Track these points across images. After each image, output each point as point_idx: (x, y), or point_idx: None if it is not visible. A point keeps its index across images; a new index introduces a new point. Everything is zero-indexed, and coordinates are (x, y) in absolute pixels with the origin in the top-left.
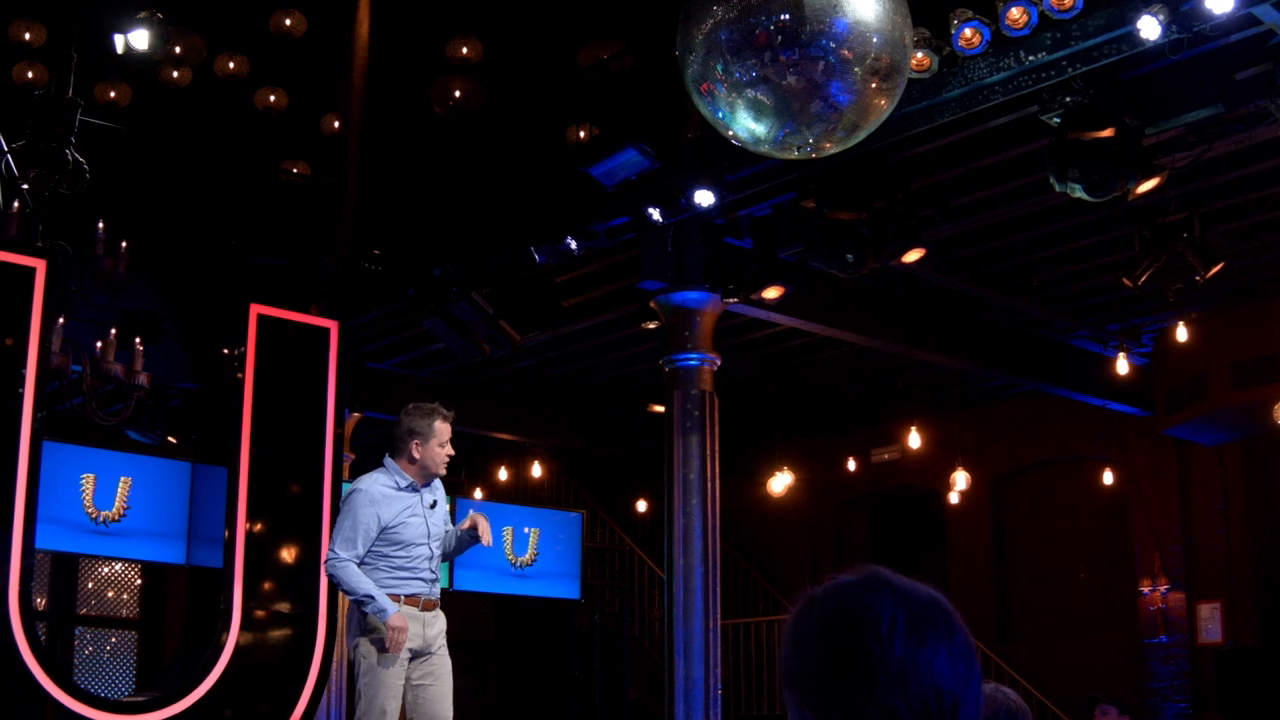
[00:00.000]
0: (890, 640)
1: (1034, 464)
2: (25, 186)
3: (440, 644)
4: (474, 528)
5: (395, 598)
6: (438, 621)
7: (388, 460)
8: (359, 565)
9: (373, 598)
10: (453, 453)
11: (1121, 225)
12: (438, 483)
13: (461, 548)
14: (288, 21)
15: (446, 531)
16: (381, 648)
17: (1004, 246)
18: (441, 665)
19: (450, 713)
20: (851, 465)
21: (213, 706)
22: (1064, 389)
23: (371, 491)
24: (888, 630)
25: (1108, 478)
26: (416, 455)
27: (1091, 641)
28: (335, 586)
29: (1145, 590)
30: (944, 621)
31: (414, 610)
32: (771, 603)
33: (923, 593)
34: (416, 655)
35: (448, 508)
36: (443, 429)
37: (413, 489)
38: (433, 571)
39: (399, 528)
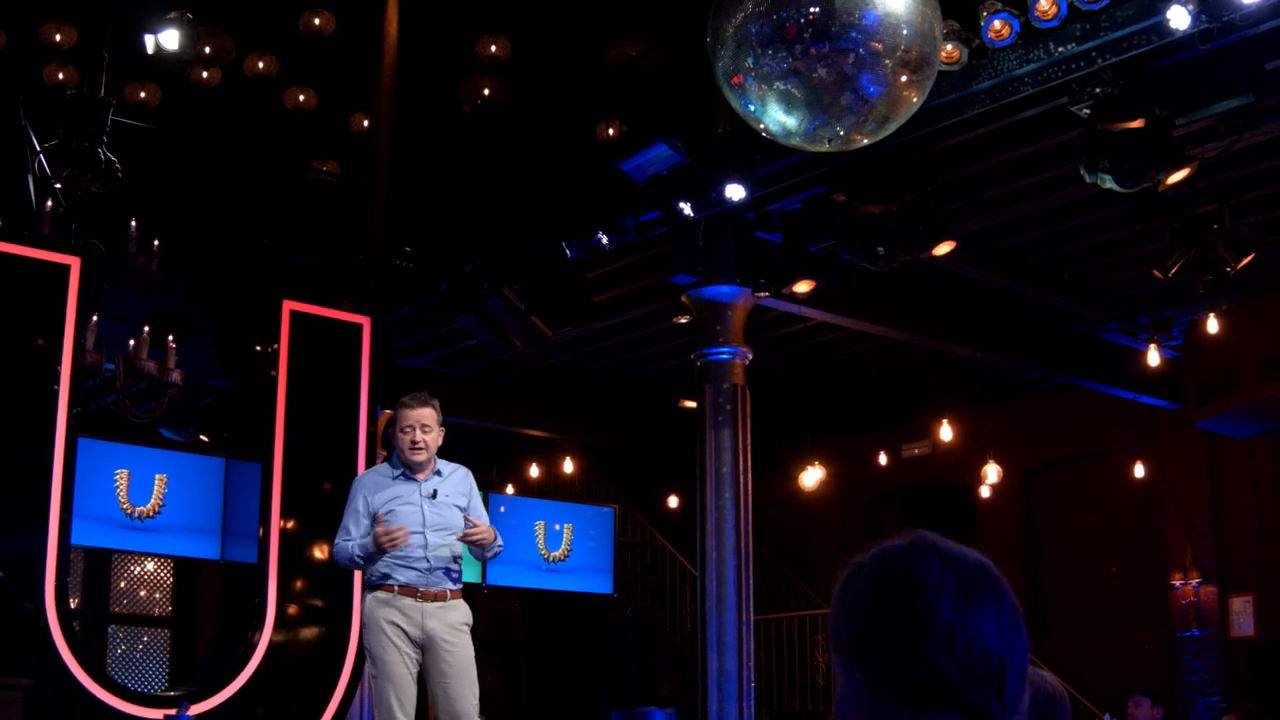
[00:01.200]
0: (939, 603)
1: (1065, 458)
2: (58, 186)
3: (453, 637)
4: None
5: (389, 587)
6: (445, 613)
7: (394, 451)
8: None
9: (357, 550)
10: (417, 439)
11: (1152, 217)
12: (460, 474)
13: (482, 552)
14: (317, 21)
15: (469, 528)
16: (379, 641)
17: (1034, 239)
18: (456, 660)
19: (471, 707)
20: (883, 460)
21: (246, 702)
22: (1094, 382)
23: (364, 479)
24: (936, 593)
25: (1139, 471)
26: (395, 444)
27: (1123, 635)
28: (348, 570)
29: (1177, 584)
30: (991, 585)
31: (409, 600)
32: (803, 598)
33: (970, 557)
34: (421, 646)
35: (476, 499)
36: (401, 414)
37: (407, 478)
38: (429, 562)
39: (388, 515)
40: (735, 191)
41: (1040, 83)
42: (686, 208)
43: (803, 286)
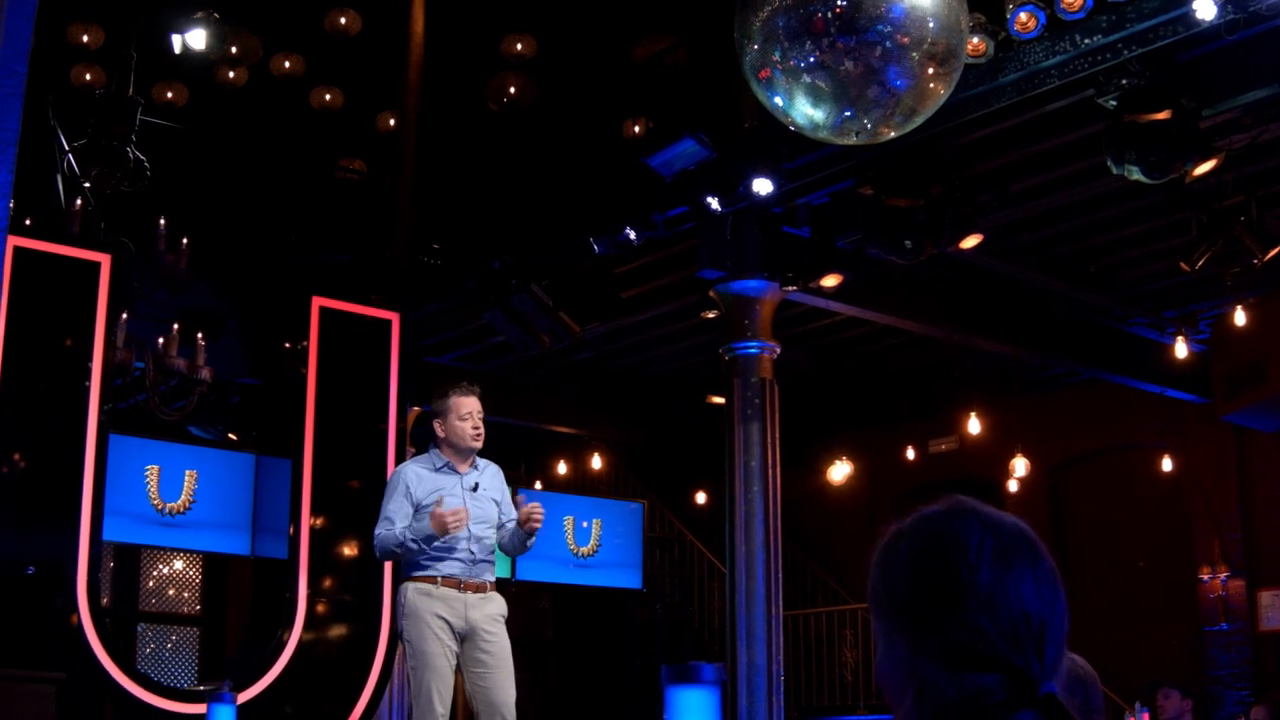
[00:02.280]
0: (978, 565)
1: (1092, 452)
2: (87, 185)
3: (492, 628)
4: (529, 519)
5: (431, 579)
6: (485, 605)
7: (431, 446)
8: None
9: (406, 534)
10: (478, 425)
11: (1178, 210)
12: (492, 470)
13: (523, 544)
14: (343, 20)
15: (504, 524)
16: (422, 632)
17: (1061, 232)
18: (496, 651)
19: (509, 698)
20: (910, 455)
21: (275, 699)
22: (1122, 376)
23: (404, 472)
24: (976, 556)
25: (1166, 465)
26: (441, 434)
27: (1151, 630)
28: (385, 561)
29: (1205, 578)
30: (1029, 547)
31: (453, 591)
32: (830, 594)
33: (1008, 521)
34: (462, 637)
35: (507, 495)
36: (459, 403)
37: (449, 470)
38: (473, 553)
39: (430, 507)
40: (762, 186)
41: (1066, 75)
42: (714, 202)
43: (830, 280)
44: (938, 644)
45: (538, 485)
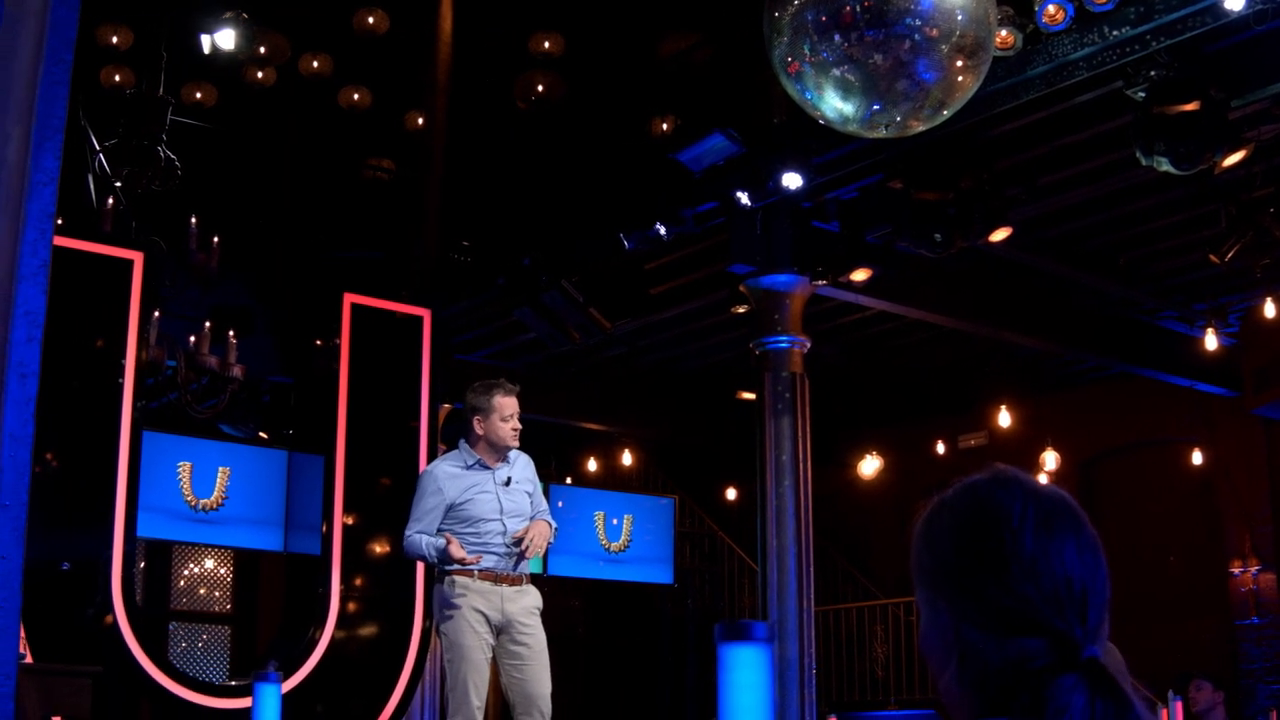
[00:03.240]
0: (1021, 532)
1: (1122, 446)
2: (118, 184)
3: (529, 620)
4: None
5: (468, 573)
6: (522, 597)
7: (461, 441)
8: None
9: (435, 547)
10: (519, 426)
11: (1207, 202)
12: (523, 461)
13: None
14: (371, 20)
15: (535, 515)
16: (460, 626)
17: (1090, 225)
18: (533, 643)
19: (546, 690)
20: (940, 450)
21: (307, 696)
22: (1151, 370)
23: (435, 471)
24: (1019, 522)
25: (1196, 458)
26: (480, 431)
27: (1183, 624)
28: (415, 563)
29: (1236, 571)
30: (1071, 515)
31: (489, 584)
32: (861, 590)
33: (1050, 489)
34: (499, 630)
35: (538, 486)
36: (503, 403)
37: (481, 466)
38: (508, 547)
39: (466, 505)
40: (792, 180)
41: (1095, 67)
42: (744, 197)
43: (860, 275)
44: (982, 610)
45: (568, 481)
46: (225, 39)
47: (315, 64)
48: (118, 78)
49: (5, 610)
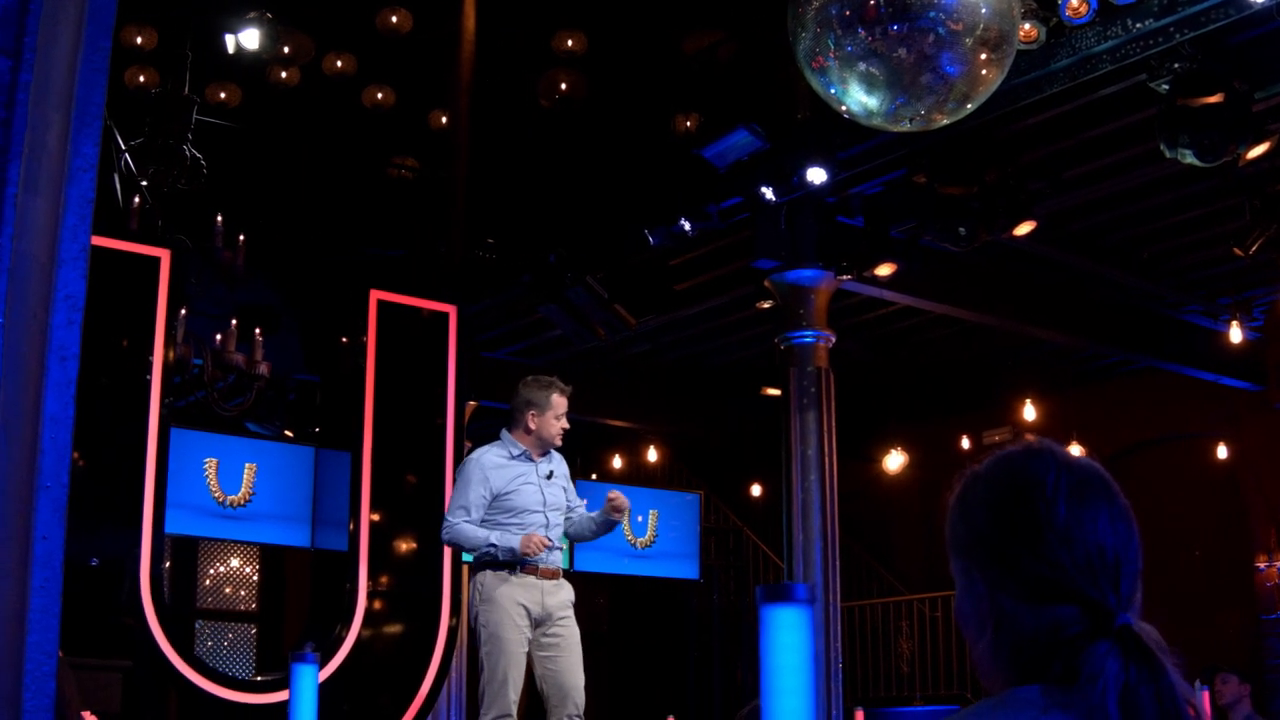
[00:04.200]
0: (1055, 501)
1: (1147, 441)
2: (144, 183)
3: (565, 613)
4: (613, 509)
5: (511, 566)
6: (560, 591)
7: (504, 432)
8: None
9: (493, 544)
10: (568, 426)
11: (1231, 195)
12: (558, 456)
13: (597, 532)
14: (394, 19)
15: (572, 511)
16: (500, 619)
17: (1114, 219)
18: (568, 635)
19: (580, 682)
20: (965, 445)
21: (333, 693)
22: (1175, 364)
23: (482, 460)
24: (1052, 492)
25: (1221, 453)
26: (532, 426)
27: (1207, 619)
28: (449, 547)
29: (1261, 566)
30: (1104, 485)
31: (531, 578)
32: (886, 586)
33: (1083, 460)
34: (538, 623)
35: (571, 482)
36: (559, 402)
37: (526, 458)
38: (550, 540)
39: (511, 495)
40: (816, 175)
41: (1119, 59)
42: (768, 192)
43: (884, 269)
44: (1016, 579)
45: (593, 477)
46: (249, 39)
47: (339, 63)
48: (142, 78)
49: (47, 589)
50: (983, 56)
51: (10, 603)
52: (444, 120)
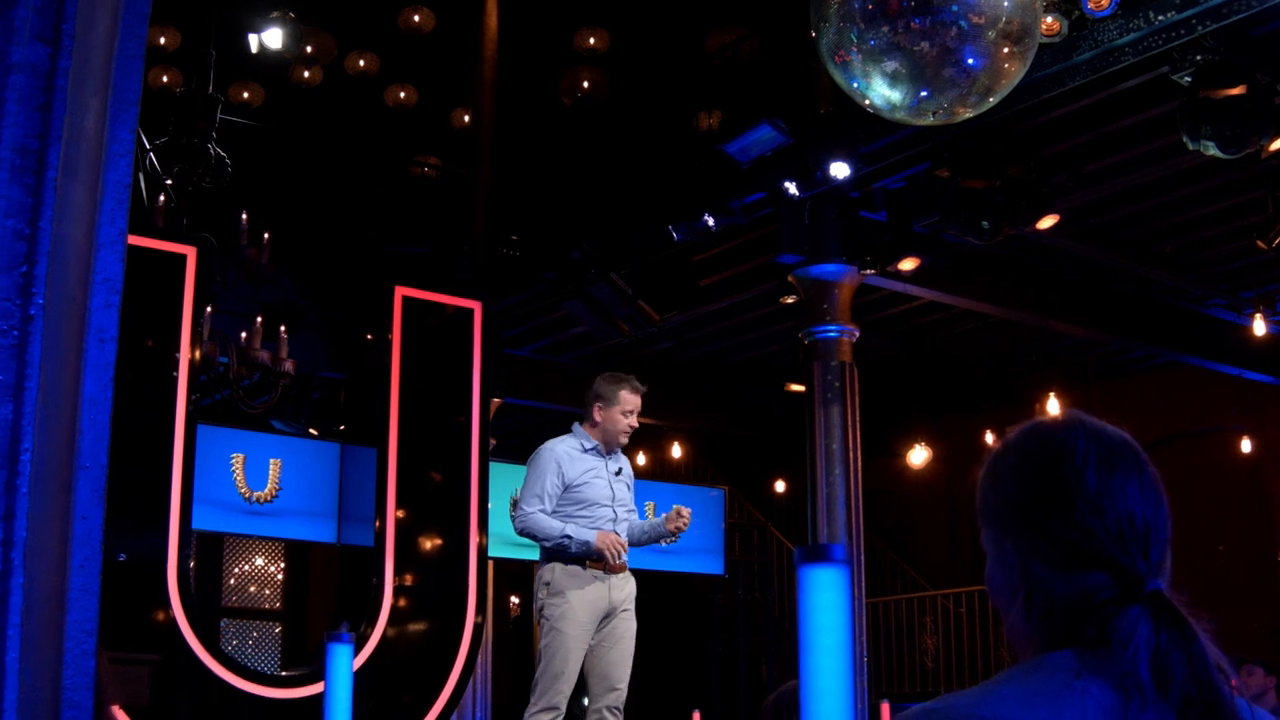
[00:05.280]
0: (1085, 469)
1: (1171, 435)
2: (169, 182)
3: (627, 607)
4: (679, 519)
5: (580, 561)
6: (626, 585)
7: (576, 425)
8: None
9: (569, 536)
10: (635, 425)
11: (1255, 187)
12: (625, 459)
13: (646, 540)
14: (416, 18)
15: (632, 515)
16: (565, 613)
17: (1137, 213)
18: (624, 628)
19: (626, 676)
20: (989, 441)
21: (357, 688)
22: (1198, 358)
23: (556, 450)
24: (1082, 460)
25: (1245, 447)
26: (599, 419)
27: (1232, 614)
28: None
29: None
30: (1133, 455)
31: (599, 573)
32: (910, 582)
33: (1112, 430)
34: (604, 617)
35: (632, 486)
36: (628, 399)
37: (597, 453)
38: (618, 534)
39: (582, 487)
40: (840, 169)
41: (1141, 52)
42: (792, 187)
43: (908, 264)
44: (1048, 546)
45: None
46: (273, 38)
47: (361, 63)
48: (165, 79)
49: (87, 569)
50: (1005, 50)
51: (51, 581)
52: (466, 119)
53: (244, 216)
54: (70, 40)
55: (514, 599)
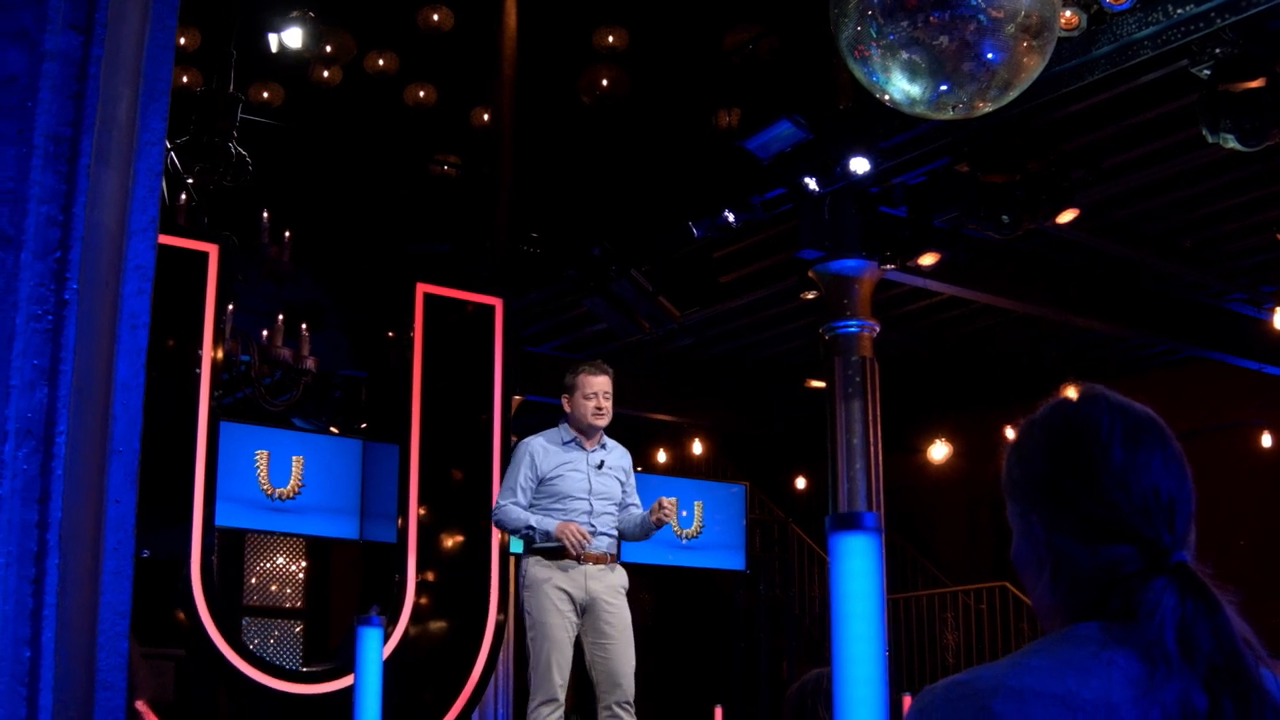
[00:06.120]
0: (1110, 444)
1: (1192, 430)
2: (190, 180)
3: (614, 599)
4: (660, 511)
5: (553, 552)
6: (607, 576)
7: (560, 421)
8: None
9: (531, 526)
10: (601, 405)
11: (1274, 182)
12: (620, 451)
13: (645, 533)
14: (436, 17)
15: (626, 505)
16: (542, 604)
17: (1156, 207)
18: (618, 622)
19: (630, 669)
20: (1009, 437)
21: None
22: (1219, 353)
23: (531, 444)
24: (1107, 435)
25: (1266, 441)
26: (568, 409)
27: (1253, 609)
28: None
29: None
30: (1158, 430)
31: (573, 563)
32: (930, 579)
33: (1137, 406)
34: (583, 609)
35: (632, 478)
36: (586, 381)
37: (577, 446)
38: (593, 527)
39: (555, 480)
40: (860, 164)
41: (1159, 45)
42: (812, 183)
43: (928, 259)
44: (1074, 519)
45: (638, 469)
46: (292, 38)
47: (381, 62)
48: (185, 79)
49: (121, 553)
50: (1024, 44)
51: (85, 564)
52: (486, 117)
53: (265, 215)
54: (102, 29)
55: None
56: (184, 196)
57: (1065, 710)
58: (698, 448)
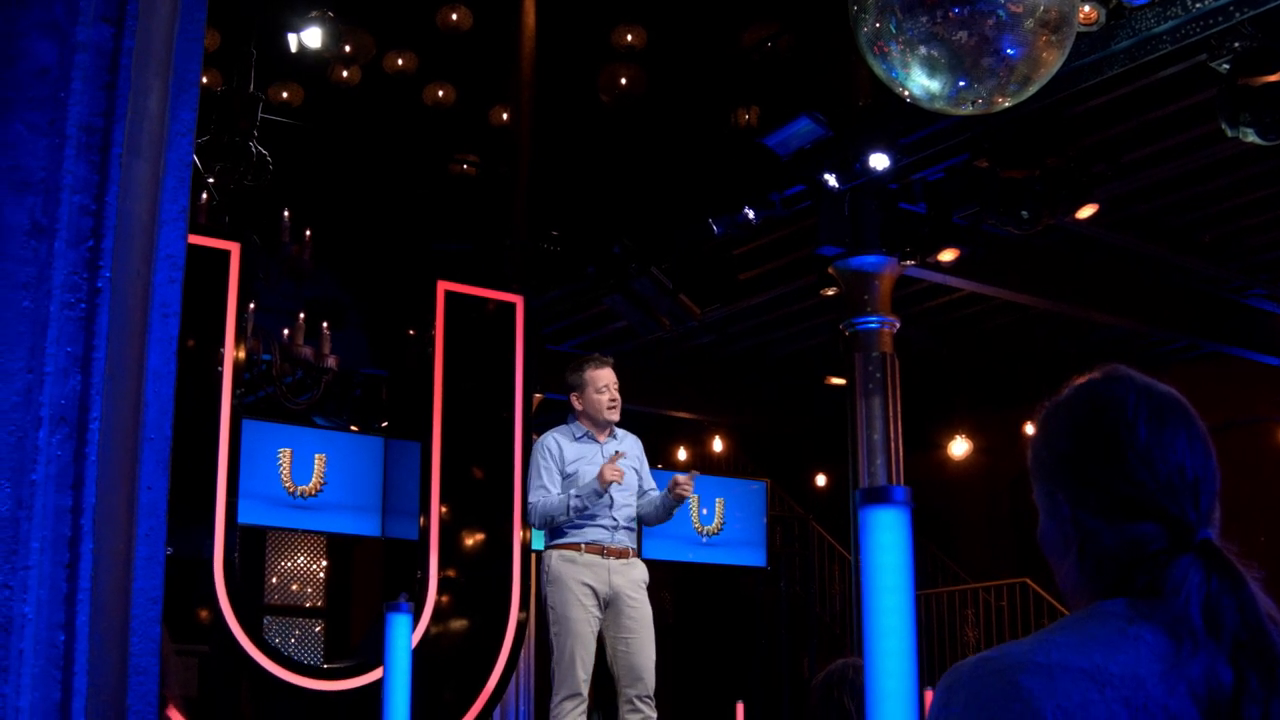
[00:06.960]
0: (1135, 423)
1: (1211, 427)
2: (211, 180)
3: (636, 593)
4: (678, 487)
5: (575, 546)
6: (629, 570)
7: (569, 418)
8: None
9: (576, 495)
10: (615, 397)
11: None
12: (632, 440)
13: (667, 512)
14: (454, 17)
15: (645, 491)
16: (566, 598)
17: (1176, 202)
18: (639, 616)
19: (651, 664)
20: (1029, 432)
21: None
22: (1239, 348)
23: (546, 441)
24: (1133, 414)
25: None
26: (579, 407)
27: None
28: (541, 528)
29: None
30: (1182, 410)
31: (596, 558)
32: (950, 575)
33: (1161, 386)
34: (606, 603)
35: (645, 464)
36: (595, 375)
37: (590, 439)
38: (615, 519)
39: (573, 475)
40: (879, 161)
41: (1179, 40)
42: (831, 179)
43: (947, 255)
44: (1100, 498)
45: (659, 466)
46: (312, 38)
47: (400, 61)
48: (205, 79)
49: (153, 538)
50: (1043, 39)
51: (118, 550)
52: (505, 116)
53: (286, 214)
54: (133, 21)
55: None
56: (205, 196)
57: (1093, 684)
58: (718, 445)
